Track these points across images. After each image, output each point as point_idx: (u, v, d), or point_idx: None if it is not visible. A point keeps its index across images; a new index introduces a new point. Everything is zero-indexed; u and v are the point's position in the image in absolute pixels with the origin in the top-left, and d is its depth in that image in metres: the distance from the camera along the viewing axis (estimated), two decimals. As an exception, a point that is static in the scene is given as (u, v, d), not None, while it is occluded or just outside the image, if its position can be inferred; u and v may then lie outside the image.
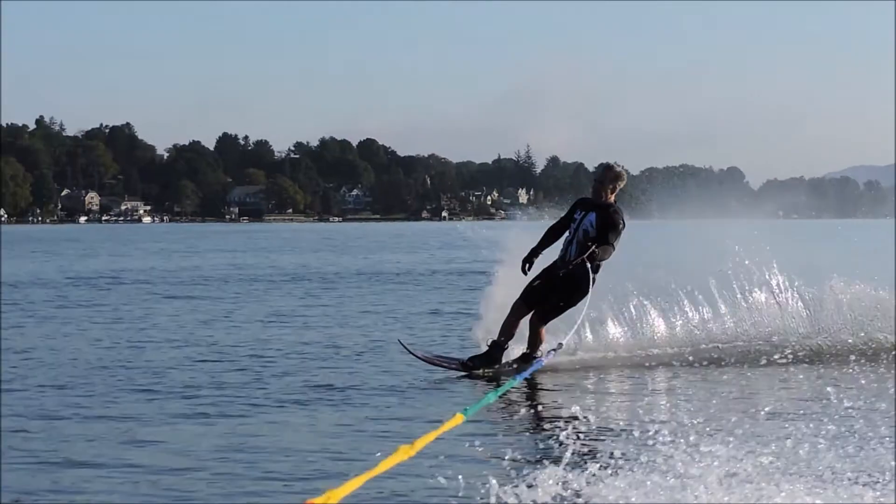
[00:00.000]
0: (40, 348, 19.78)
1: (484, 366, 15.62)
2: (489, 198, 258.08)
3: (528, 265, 15.43)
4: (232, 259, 58.11)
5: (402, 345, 16.21)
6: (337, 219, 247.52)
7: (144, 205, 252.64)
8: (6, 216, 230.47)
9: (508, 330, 15.65)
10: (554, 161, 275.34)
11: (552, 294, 15.40)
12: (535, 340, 15.54)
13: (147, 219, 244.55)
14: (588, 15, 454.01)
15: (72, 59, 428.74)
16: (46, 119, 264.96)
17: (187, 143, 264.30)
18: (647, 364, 16.62)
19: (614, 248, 15.22)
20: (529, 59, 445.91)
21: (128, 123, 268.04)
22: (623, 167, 15.52)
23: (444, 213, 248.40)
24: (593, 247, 15.11)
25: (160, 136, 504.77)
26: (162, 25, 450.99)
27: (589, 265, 15.15)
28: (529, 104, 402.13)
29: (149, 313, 26.83)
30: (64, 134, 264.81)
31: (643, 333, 17.33)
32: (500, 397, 12.27)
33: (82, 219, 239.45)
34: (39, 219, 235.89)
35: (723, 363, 16.78)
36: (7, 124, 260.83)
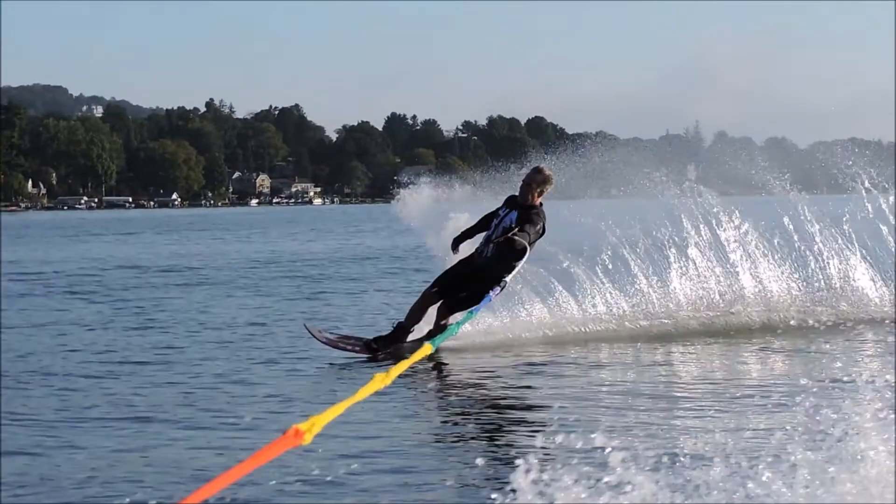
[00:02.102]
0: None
1: (387, 346, 15.71)
2: (657, 174, 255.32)
3: (457, 245, 15.79)
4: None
5: (307, 328, 16.33)
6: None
7: (315, 186, 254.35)
8: (180, 199, 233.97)
9: (416, 315, 15.88)
10: (721, 136, 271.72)
11: (464, 286, 15.54)
12: (439, 326, 15.67)
13: (318, 200, 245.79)
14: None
15: (239, 43, 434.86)
16: (216, 102, 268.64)
17: (356, 124, 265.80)
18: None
19: (530, 245, 15.20)
20: (698, 34, 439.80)
21: (297, 105, 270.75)
22: (552, 171, 15.70)
23: (613, 191, 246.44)
24: (515, 228, 15.15)
25: (329, 117, 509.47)
26: (327, 8, 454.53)
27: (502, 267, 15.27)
28: (698, 79, 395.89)
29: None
30: (234, 117, 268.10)
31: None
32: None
33: (254, 201, 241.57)
34: (211, 202, 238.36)
35: None
36: (177, 107, 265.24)
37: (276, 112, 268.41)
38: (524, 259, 15.38)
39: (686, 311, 18.58)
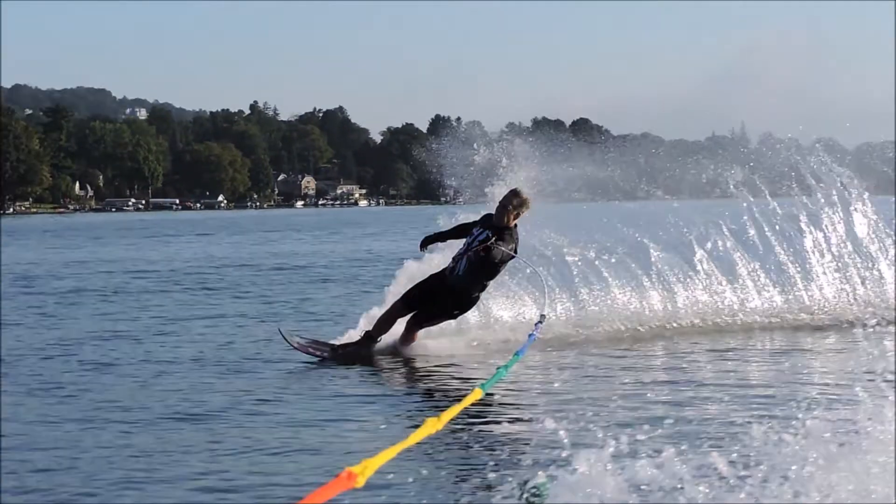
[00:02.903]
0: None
1: (354, 351, 15.93)
2: (704, 175, 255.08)
3: (426, 245, 16.07)
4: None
5: (282, 334, 16.29)
6: (551, 198, 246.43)
7: (360, 188, 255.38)
8: (226, 201, 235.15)
9: (383, 326, 16.10)
10: (768, 136, 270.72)
11: (433, 303, 15.78)
12: (407, 339, 16.02)
13: (363, 202, 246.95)
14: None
15: (282, 45, 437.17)
16: (260, 104, 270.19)
17: (400, 126, 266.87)
18: None
19: (503, 258, 15.29)
20: (743, 35, 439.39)
21: (340, 107, 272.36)
22: (528, 194, 15.64)
23: (659, 192, 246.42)
24: (493, 238, 15.20)
25: (373, 119, 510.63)
26: (370, 11, 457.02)
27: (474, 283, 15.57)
28: (743, 79, 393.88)
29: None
30: (278, 119, 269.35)
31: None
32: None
33: (299, 203, 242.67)
34: (257, 204, 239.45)
35: None
36: (221, 110, 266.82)
37: (321, 114, 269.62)
38: (495, 278, 15.83)
39: (839, 305, 19.37)
